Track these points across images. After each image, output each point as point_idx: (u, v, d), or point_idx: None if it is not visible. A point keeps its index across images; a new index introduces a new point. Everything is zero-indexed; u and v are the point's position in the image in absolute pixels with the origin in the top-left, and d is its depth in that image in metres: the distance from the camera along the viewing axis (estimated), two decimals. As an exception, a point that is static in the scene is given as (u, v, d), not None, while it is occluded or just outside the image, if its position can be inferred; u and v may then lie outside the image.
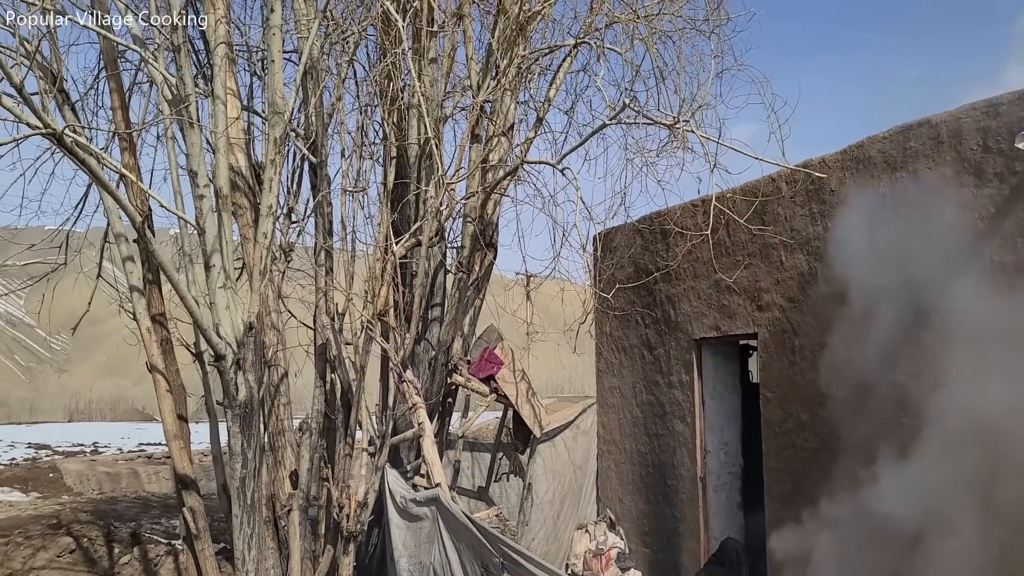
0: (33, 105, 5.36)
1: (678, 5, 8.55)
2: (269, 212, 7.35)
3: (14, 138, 5.34)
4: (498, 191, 9.15)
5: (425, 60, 8.69)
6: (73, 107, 7.80)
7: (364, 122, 9.04)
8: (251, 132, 9.11)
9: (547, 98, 9.28)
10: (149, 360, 8.24)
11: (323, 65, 8.66)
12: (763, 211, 8.34)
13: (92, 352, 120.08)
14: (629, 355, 10.72)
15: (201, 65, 8.79)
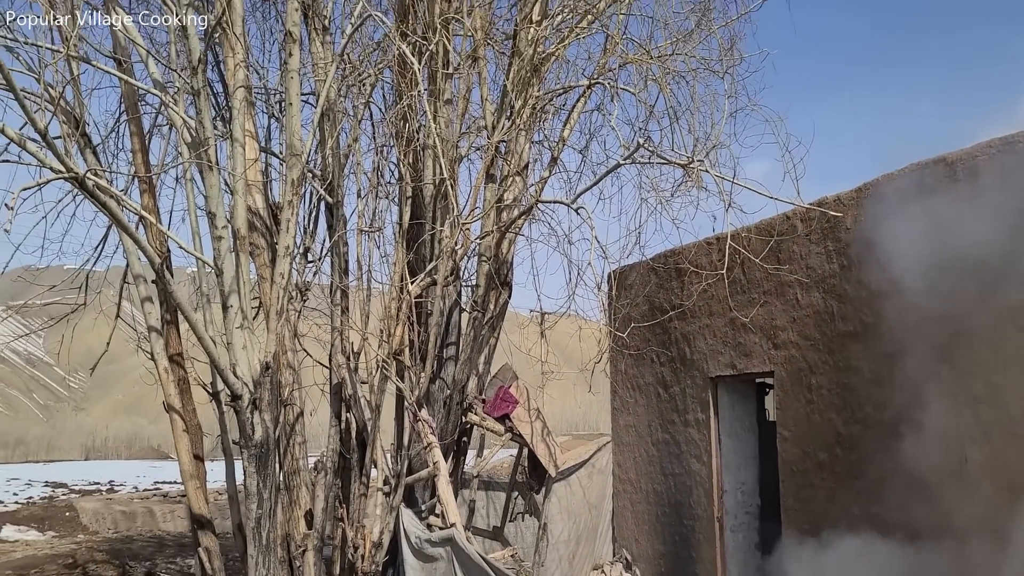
0: (56, 150, 5.46)
1: (691, 46, 8.62)
2: (286, 252, 7.43)
3: (38, 182, 5.43)
4: (513, 230, 9.20)
5: (440, 101, 8.79)
6: (95, 150, 7.92)
7: (380, 163, 9.14)
8: (268, 173, 9.23)
9: (561, 138, 9.36)
10: (166, 400, 8.28)
11: (340, 107, 8.78)
12: (778, 249, 8.34)
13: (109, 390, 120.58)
14: (644, 393, 10.68)
15: (220, 107, 8.92)
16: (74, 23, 6.52)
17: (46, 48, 6.14)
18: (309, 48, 8.70)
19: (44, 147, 5.65)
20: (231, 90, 7.66)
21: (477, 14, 8.57)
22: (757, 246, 8.34)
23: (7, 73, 5.10)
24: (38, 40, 6.42)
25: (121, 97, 8.23)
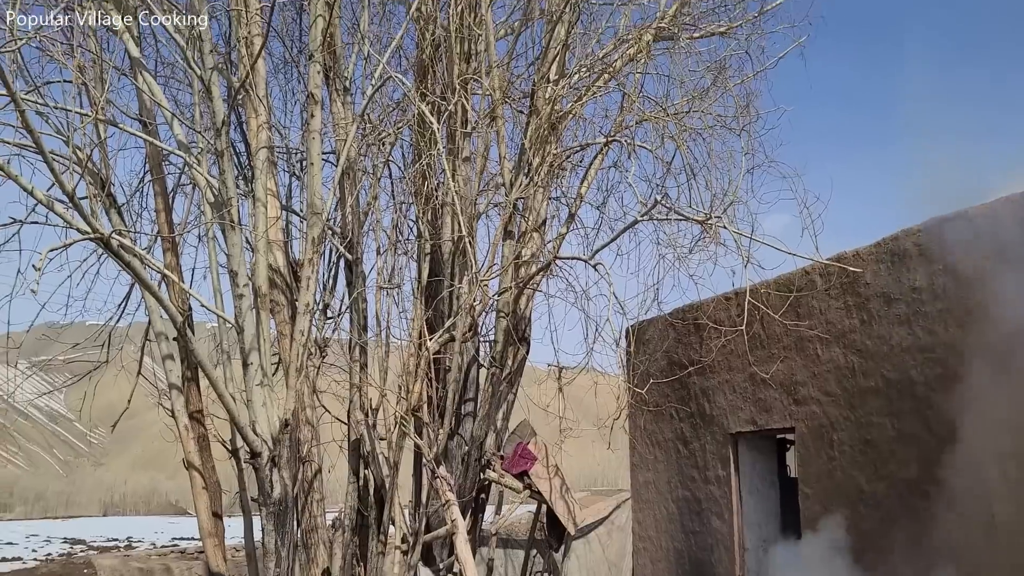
0: (83, 211, 5.56)
1: (707, 103, 8.71)
2: (306, 310, 7.48)
3: (65, 243, 5.53)
4: (531, 286, 9.23)
5: (459, 159, 8.91)
6: (119, 210, 8.05)
7: (399, 220, 9.23)
8: (289, 231, 9.34)
9: (579, 194, 9.42)
10: (186, 457, 8.30)
11: (360, 166, 8.91)
12: (798, 304, 8.33)
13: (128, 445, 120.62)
14: (664, 449, 10.60)
15: (242, 167, 9.07)
16: (102, 87, 6.69)
17: (75, 112, 6.29)
18: (330, 108, 8.85)
19: (71, 208, 5.76)
20: (254, 150, 7.79)
21: (495, 74, 8.71)
22: (776, 301, 8.34)
23: (37, 138, 5.22)
24: (67, 104, 6.58)
25: (146, 157, 8.39)
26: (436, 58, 9.20)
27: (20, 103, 5.12)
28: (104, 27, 7.60)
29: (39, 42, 6.41)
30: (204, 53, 6.73)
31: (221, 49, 8.63)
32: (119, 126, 7.20)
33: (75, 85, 6.50)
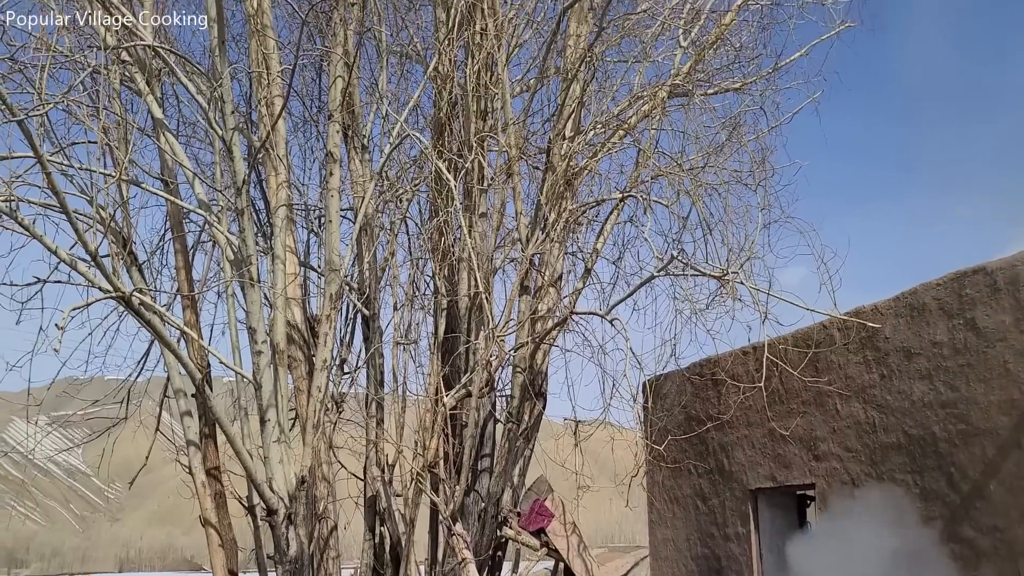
0: (105, 270, 5.63)
1: (723, 158, 8.77)
2: (324, 366, 7.51)
3: (87, 302, 5.59)
4: (547, 341, 9.23)
5: (475, 215, 8.98)
6: (140, 268, 8.14)
7: (416, 275, 9.29)
8: (307, 286, 9.40)
9: (595, 249, 9.46)
10: (203, 514, 8.27)
11: (377, 222, 8.99)
12: (816, 359, 8.28)
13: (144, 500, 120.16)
14: (682, 506, 10.48)
15: (261, 223, 9.17)
16: (126, 148, 6.82)
17: (99, 173, 6.40)
18: (348, 166, 8.97)
19: (93, 266, 5.84)
20: (273, 208, 7.89)
21: (511, 131, 8.82)
22: (794, 356, 8.29)
23: (63, 199, 5.32)
24: (92, 164, 6.71)
25: (167, 216, 8.51)
26: (453, 116, 9.32)
27: (47, 165, 5.22)
28: (128, 89, 7.77)
29: (66, 105, 6.55)
30: (225, 114, 6.86)
31: (242, 109, 8.79)
32: (141, 186, 7.32)
33: (99, 146, 6.63)
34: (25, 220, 5.68)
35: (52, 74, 6.34)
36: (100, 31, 7.12)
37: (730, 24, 9.07)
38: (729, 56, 9.35)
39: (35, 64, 6.33)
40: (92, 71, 6.89)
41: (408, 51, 9.55)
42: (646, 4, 9.17)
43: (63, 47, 6.71)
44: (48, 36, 6.35)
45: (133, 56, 7.50)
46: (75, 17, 6.99)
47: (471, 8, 8.70)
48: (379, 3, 8.76)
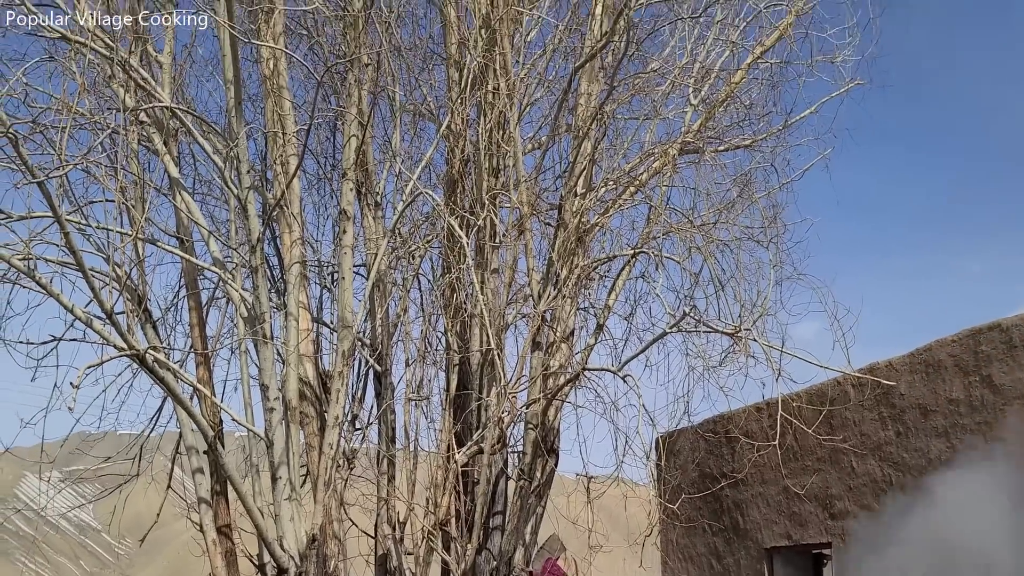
0: (120, 328, 5.68)
1: (734, 215, 8.81)
2: (335, 423, 7.50)
3: (101, 360, 5.63)
4: (559, 397, 9.20)
5: (487, 271, 9.01)
6: (155, 325, 8.18)
7: (428, 331, 9.29)
8: (319, 342, 9.41)
9: (607, 305, 9.46)
10: (213, 572, 8.20)
11: (390, 278, 9.04)
12: (831, 416, 8.23)
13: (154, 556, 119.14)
14: (697, 564, 10.34)
15: (275, 280, 9.22)
16: (143, 207, 6.91)
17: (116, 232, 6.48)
18: (361, 223, 9.04)
19: (108, 323, 5.89)
20: (287, 265, 7.95)
21: (523, 188, 8.88)
22: (809, 413, 8.25)
23: (80, 258, 5.39)
24: (108, 223, 6.80)
25: (182, 273, 8.57)
26: (465, 173, 9.41)
27: (65, 225, 5.30)
28: (146, 148, 7.90)
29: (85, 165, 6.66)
30: (241, 174, 6.95)
31: (257, 167, 8.89)
32: (158, 244, 7.41)
33: (117, 206, 6.73)
34: (43, 279, 5.75)
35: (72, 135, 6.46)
36: (119, 93, 7.27)
37: (740, 82, 9.18)
38: (739, 113, 9.44)
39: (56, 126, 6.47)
40: (111, 132, 7.01)
41: (421, 110, 9.67)
42: (656, 63, 9.29)
43: (83, 108, 6.83)
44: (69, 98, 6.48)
45: (151, 117, 7.63)
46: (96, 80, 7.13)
47: (483, 68, 8.83)
48: (393, 64, 8.91)
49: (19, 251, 6.08)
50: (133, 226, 6.79)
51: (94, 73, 7.10)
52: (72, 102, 6.33)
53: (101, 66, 7.07)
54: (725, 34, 9.27)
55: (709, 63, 9.30)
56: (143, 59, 7.66)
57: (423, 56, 9.84)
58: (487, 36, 8.87)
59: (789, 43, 9.13)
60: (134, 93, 7.39)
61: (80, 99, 6.38)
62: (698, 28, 9.31)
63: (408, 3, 9.85)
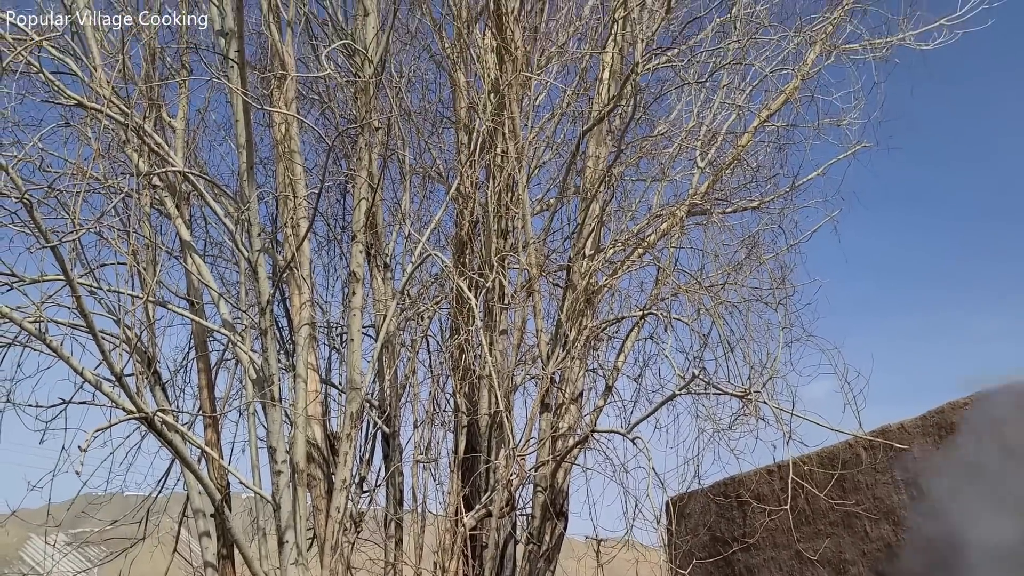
0: (129, 390, 5.68)
1: (743, 276, 8.82)
2: (343, 486, 7.45)
3: (110, 423, 5.62)
4: (568, 460, 9.14)
5: (496, 332, 9.02)
6: (164, 387, 8.19)
7: (436, 393, 9.27)
8: (328, 404, 9.40)
9: (615, 366, 9.45)
10: (218, 638, 8.09)
11: (398, 339, 9.05)
12: (843, 479, 8.14)
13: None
14: (711, 631, 10.15)
15: (284, 341, 9.24)
16: (154, 270, 6.96)
17: (127, 295, 6.52)
18: (371, 284, 9.08)
19: (116, 386, 5.89)
20: (296, 327, 7.97)
21: (532, 250, 8.93)
22: (821, 476, 8.16)
23: (91, 321, 5.41)
24: (120, 285, 6.85)
25: (191, 335, 8.60)
26: (474, 234, 9.47)
27: (77, 289, 5.33)
28: (158, 212, 7.98)
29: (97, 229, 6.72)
30: (252, 236, 7.01)
31: (268, 229, 8.98)
32: (168, 306, 7.44)
33: (128, 268, 6.78)
34: (53, 342, 5.77)
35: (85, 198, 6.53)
36: (133, 157, 7.37)
37: (746, 145, 9.27)
38: (746, 176, 9.52)
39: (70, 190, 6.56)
40: (124, 196, 7.10)
41: (431, 172, 9.78)
42: (663, 127, 9.41)
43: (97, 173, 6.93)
44: (84, 163, 6.58)
45: (164, 181, 7.73)
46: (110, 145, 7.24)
47: (492, 132, 8.94)
48: (403, 127, 9.03)
49: (30, 314, 6.12)
50: (144, 289, 6.83)
51: (108, 138, 7.22)
52: (86, 167, 6.43)
53: (116, 131, 7.19)
54: (731, 98, 9.39)
55: (716, 126, 9.41)
56: (157, 124, 7.79)
57: (433, 119, 10.00)
58: (496, 100, 9.00)
59: (795, 107, 9.25)
60: (147, 158, 7.50)
61: (94, 164, 6.47)
62: (704, 92, 9.44)
63: (418, 68, 10.04)
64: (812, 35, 9.24)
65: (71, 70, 7.11)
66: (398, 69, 9.55)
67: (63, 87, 6.64)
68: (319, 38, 9.43)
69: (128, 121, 6.86)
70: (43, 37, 6.15)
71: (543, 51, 9.59)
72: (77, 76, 7.05)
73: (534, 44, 9.38)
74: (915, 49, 9.22)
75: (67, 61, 7.11)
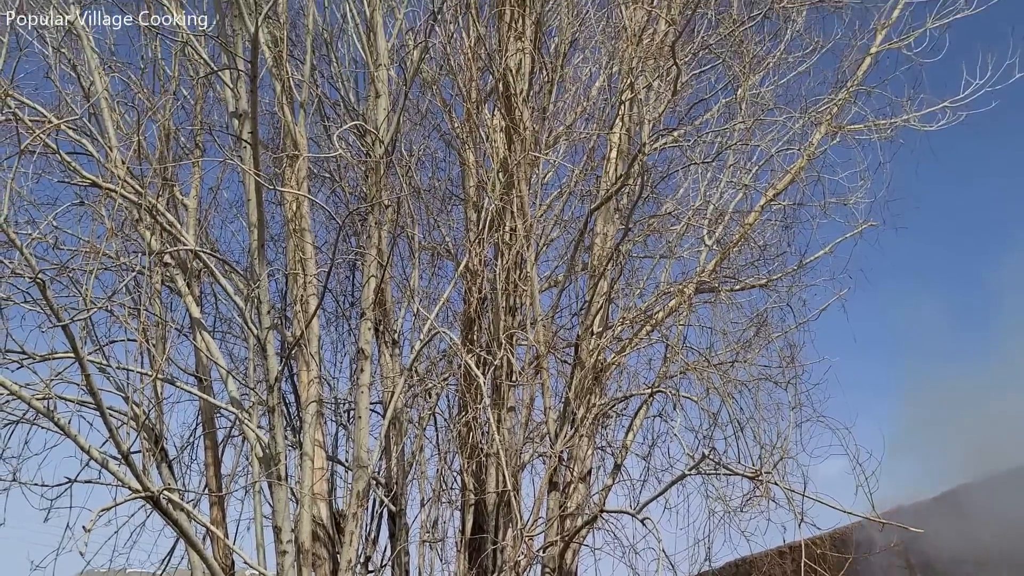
0: (135, 469, 5.65)
1: (752, 354, 8.80)
2: (349, 566, 7.34)
3: (115, 502, 5.58)
4: (577, 540, 9.00)
5: (504, 410, 8.96)
6: (170, 464, 8.13)
7: (443, 471, 9.19)
8: (334, 481, 9.32)
9: (624, 444, 9.36)
10: None
11: (406, 416, 9.00)
12: (857, 561, 8.00)
13: None
14: None
15: (291, 418, 9.21)
16: (163, 348, 6.98)
17: (136, 372, 6.53)
18: (379, 360, 9.08)
19: (123, 464, 5.86)
20: (303, 404, 7.95)
21: (540, 327, 8.93)
22: (833, 559, 8.02)
23: (99, 400, 5.41)
24: (129, 362, 6.85)
25: (199, 411, 8.58)
26: (482, 311, 9.48)
27: (86, 367, 5.34)
28: (168, 289, 8.04)
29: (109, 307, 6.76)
30: (261, 314, 7.04)
31: (276, 305, 9.01)
32: (176, 384, 7.44)
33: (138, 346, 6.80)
34: (61, 420, 5.76)
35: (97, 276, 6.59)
36: (145, 235, 7.45)
37: (753, 223, 9.33)
38: (754, 254, 9.55)
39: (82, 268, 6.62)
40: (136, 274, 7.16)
41: (439, 249, 9.85)
42: (670, 205, 9.49)
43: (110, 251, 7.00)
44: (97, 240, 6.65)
45: (175, 258, 7.80)
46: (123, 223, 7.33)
47: (501, 210, 9.02)
48: (412, 205, 9.12)
49: (39, 391, 6.12)
50: (153, 366, 6.85)
51: (122, 216, 7.31)
52: (100, 245, 6.49)
53: (129, 210, 7.28)
54: (737, 177, 9.48)
55: (722, 205, 9.49)
56: (170, 202, 7.90)
57: (442, 197, 10.10)
58: (504, 179, 9.10)
59: (801, 186, 9.33)
60: (160, 236, 7.58)
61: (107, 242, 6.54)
62: (711, 171, 9.54)
63: (428, 147, 10.20)
64: (817, 116, 9.37)
65: (87, 150, 7.24)
66: (408, 148, 9.70)
67: (79, 167, 6.76)
68: (331, 118, 9.60)
69: (141, 200, 6.95)
70: (62, 121, 6.28)
71: (551, 131, 9.73)
72: (93, 156, 7.17)
73: (542, 124, 9.52)
74: (919, 130, 9.35)
75: (83, 142, 7.25)
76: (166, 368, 7.45)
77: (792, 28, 9.52)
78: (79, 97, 7.49)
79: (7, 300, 6.34)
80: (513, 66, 9.14)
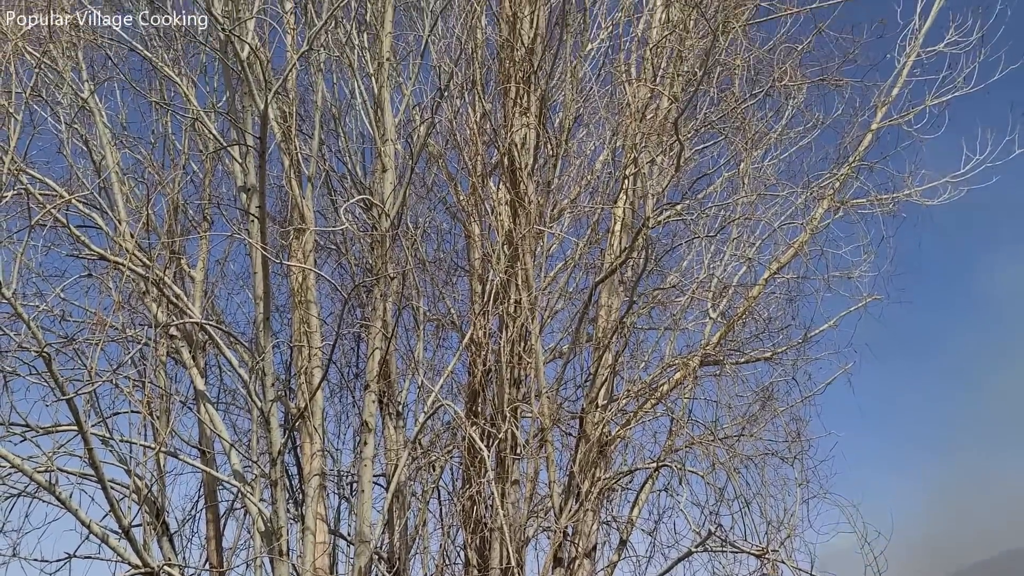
0: (136, 544, 5.62)
1: (757, 429, 8.74)
2: (349, 645, 7.21)
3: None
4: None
5: (508, 484, 8.88)
6: (171, 538, 8.05)
7: (446, 545, 9.08)
8: (335, 555, 9.19)
9: (630, 520, 9.25)
10: None
11: (409, 489, 8.92)
12: (866, 643, 7.83)
13: None
14: None
15: (293, 490, 9.12)
16: (167, 421, 6.98)
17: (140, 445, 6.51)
18: (382, 432, 9.02)
19: (123, 538, 5.81)
20: (306, 476, 7.90)
21: (544, 400, 8.90)
22: (844, 640, 7.85)
23: (102, 474, 5.39)
24: (132, 434, 6.84)
25: (201, 484, 8.52)
26: (487, 383, 9.45)
27: (89, 440, 5.34)
28: (173, 360, 8.05)
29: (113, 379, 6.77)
30: (266, 387, 7.04)
31: (280, 376, 9.00)
32: (179, 456, 7.41)
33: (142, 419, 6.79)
34: (62, 494, 5.73)
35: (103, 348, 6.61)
36: (152, 308, 7.49)
37: (757, 296, 9.34)
38: (758, 327, 9.54)
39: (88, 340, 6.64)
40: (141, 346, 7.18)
41: (444, 321, 9.86)
42: (674, 278, 9.53)
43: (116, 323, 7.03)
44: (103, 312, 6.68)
45: (181, 330, 7.83)
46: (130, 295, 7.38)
47: (506, 282, 9.06)
48: (417, 277, 9.17)
49: (41, 463, 6.10)
50: (156, 439, 6.83)
51: (129, 289, 7.36)
52: (106, 317, 6.52)
53: (136, 283, 7.33)
54: (741, 250, 9.52)
55: (726, 278, 9.51)
56: (177, 275, 7.96)
57: (447, 269, 10.15)
58: (509, 251, 9.15)
59: (805, 260, 9.36)
60: (166, 308, 7.62)
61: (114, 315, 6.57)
62: (714, 244, 9.59)
63: (433, 219, 10.28)
64: (820, 191, 9.46)
65: (96, 224, 7.32)
66: (414, 220, 9.78)
67: (87, 241, 6.83)
68: (338, 192, 9.71)
69: (149, 273, 7.01)
70: (72, 196, 6.37)
71: (555, 204, 9.82)
72: (102, 229, 7.25)
73: (547, 197, 9.61)
74: (922, 205, 9.43)
75: (93, 216, 7.34)
76: (169, 441, 7.43)
77: (793, 105, 9.66)
78: (90, 171, 7.61)
79: (12, 373, 6.35)
80: (518, 141, 9.27)
